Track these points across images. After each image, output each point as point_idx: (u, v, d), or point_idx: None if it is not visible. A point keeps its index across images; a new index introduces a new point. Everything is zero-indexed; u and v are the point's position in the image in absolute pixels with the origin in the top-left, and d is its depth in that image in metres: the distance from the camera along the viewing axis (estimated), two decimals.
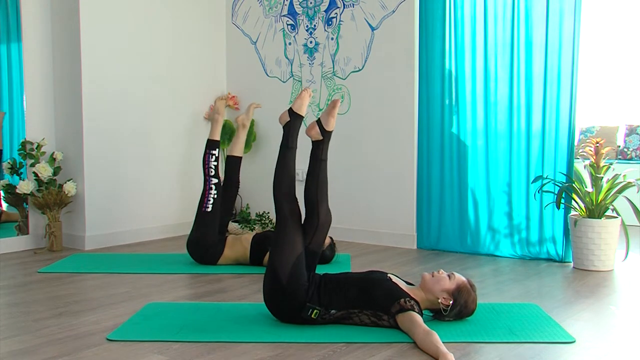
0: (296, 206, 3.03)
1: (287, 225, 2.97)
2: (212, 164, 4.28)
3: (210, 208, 4.21)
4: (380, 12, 5.00)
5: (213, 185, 4.25)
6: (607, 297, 3.53)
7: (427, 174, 4.82)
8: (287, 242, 2.93)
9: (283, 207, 3.01)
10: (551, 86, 4.35)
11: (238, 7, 5.80)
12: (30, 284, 3.75)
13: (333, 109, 3.08)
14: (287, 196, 3.03)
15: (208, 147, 4.32)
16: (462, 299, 2.90)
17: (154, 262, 4.33)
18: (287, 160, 3.08)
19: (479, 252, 4.64)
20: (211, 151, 4.30)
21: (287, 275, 2.86)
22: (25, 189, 4.66)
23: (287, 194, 3.03)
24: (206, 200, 4.22)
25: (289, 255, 2.90)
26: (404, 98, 4.91)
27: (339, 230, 5.16)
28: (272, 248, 2.99)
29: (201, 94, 5.69)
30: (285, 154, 3.09)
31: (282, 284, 2.86)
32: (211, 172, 4.26)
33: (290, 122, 3.14)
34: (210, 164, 4.27)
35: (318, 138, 3.09)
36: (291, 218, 2.98)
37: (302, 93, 3.18)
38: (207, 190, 4.23)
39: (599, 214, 4.17)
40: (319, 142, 3.08)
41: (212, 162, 4.28)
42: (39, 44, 4.87)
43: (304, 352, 2.60)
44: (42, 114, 4.90)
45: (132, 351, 2.61)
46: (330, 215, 3.09)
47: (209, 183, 4.25)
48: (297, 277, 2.87)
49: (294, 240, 2.93)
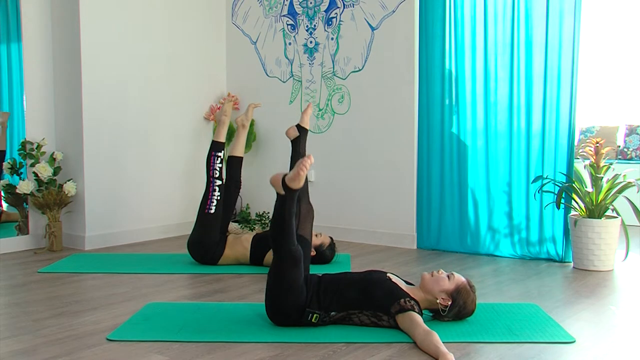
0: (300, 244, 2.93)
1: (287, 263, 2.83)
2: (217, 165, 4.23)
3: (213, 210, 4.18)
4: (380, 12, 5.00)
5: (217, 187, 4.21)
6: (607, 297, 3.53)
7: (427, 174, 4.82)
8: (287, 280, 2.82)
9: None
10: (551, 86, 4.35)
11: (238, 7, 5.80)
12: (30, 284, 3.75)
13: (308, 108, 3.67)
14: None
15: (213, 149, 4.26)
16: (461, 300, 2.90)
17: (154, 262, 4.33)
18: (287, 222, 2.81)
19: (479, 252, 4.64)
20: (217, 153, 4.24)
21: (288, 302, 2.84)
22: (25, 189, 4.66)
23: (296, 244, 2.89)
24: (209, 202, 4.18)
25: (289, 291, 2.82)
26: (404, 98, 4.91)
27: (339, 230, 5.16)
28: (272, 280, 2.86)
29: (201, 94, 5.69)
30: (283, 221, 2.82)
31: (284, 306, 2.84)
32: (216, 174, 4.21)
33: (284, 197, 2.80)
34: (216, 166, 4.22)
35: (295, 135, 3.39)
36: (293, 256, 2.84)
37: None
38: (211, 192, 4.20)
39: (599, 214, 4.17)
40: (297, 138, 3.38)
41: (217, 164, 4.23)
42: (39, 44, 4.87)
43: (304, 352, 2.60)
44: (42, 114, 4.90)
45: (132, 351, 2.61)
46: (312, 210, 3.23)
47: (213, 184, 4.20)
48: (297, 297, 2.84)
49: (294, 278, 2.82)
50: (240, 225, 5.42)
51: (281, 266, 2.81)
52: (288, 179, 2.72)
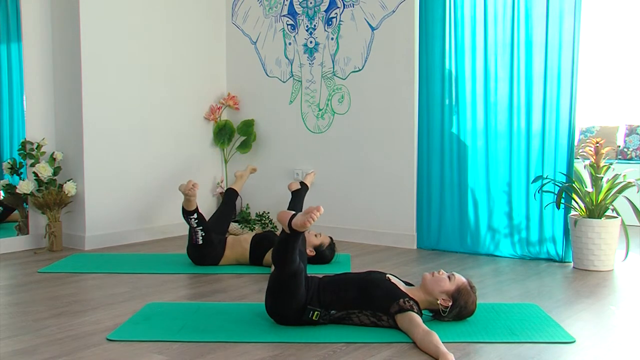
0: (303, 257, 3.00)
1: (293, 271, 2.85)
2: (193, 222, 4.05)
3: (201, 240, 4.09)
4: (380, 12, 5.00)
5: (197, 227, 4.06)
6: (607, 297, 3.53)
7: (427, 174, 4.82)
8: (290, 289, 2.84)
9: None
10: (551, 86, 4.35)
11: (238, 7, 5.80)
12: (30, 284, 3.75)
13: (312, 175, 3.79)
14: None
15: (184, 213, 4.05)
16: (461, 301, 2.90)
17: (154, 262, 4.33)
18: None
19: (479, 252, 4.64)
20: (188, 216, 4.05)
21: (291, 305, 2.84)
22: (25, 189, 4.66)
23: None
24: (195, 237, 4.09)
25: (292, 298, 2.84)
26: (404, 98, 4.90)
27: (339, 230, 5.16)
28: (273, 288, 2.88)
29: (201, 94, 5.69)
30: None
31: (285, 306, 2.85)
32: (193, 224, 4.06)
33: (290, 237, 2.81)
34: (192, 222, 4.05)
35: (297, 187, 3.53)
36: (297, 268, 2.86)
37: (308, 221, 2.75)
38: (194, 229, 4.07)
39: (599, 214, 4.17)
40: (298, 191, 3.54)
41: (192, 221, 4.05)
42: (39, 44, 4.87)
43: (304, 352, 2.60)
44: (42, 114, 4.90)
45: (132, 351, 2.61)
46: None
47: (195, 228, 4.07)
48: (298, 300, 2.84)
49: (297, 286, 2.84)
50: (240, 225, 5.42)
51: (283, 279, 2.82)
52: (295, 224, 2.73)
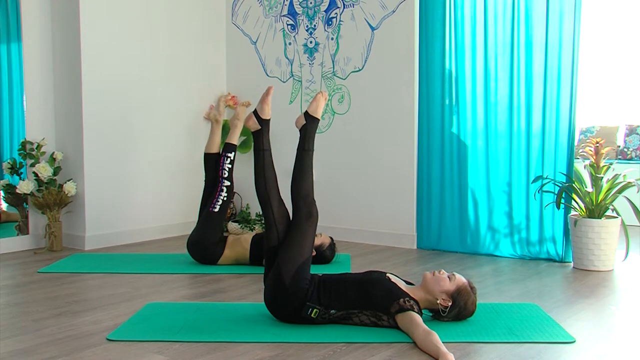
0: (313, 209, 3.02)
1: (301, 226, 2.96)
2: (226, 165, 4.32)
3: (217, 208, 4.25)
4: (380, 12, 5.00)
5: (225, 187, 4.29)
6: (607, 297, 3.53)
7: (427, 174, 4.82)
8: (298, 242, 2.93)
9: (301, 210, 2.99)
10: (551, 86, 4.35)
11: (238, 7, 5.80)
12: (30, 284, 3.75)
13: (267, 96, 3.21)
14: (306, 199, 3.01)
15: (225, 150, 4.35)
16: (461, 301, 2.90)
17: (154, 262, 4.33)
18: (306, 163, 3.07)
19: (479, 252, 4.64)
20: (227, 154, 4.34)
21: (291, 275, 2.86)
22: (25, 189, 4.66)
23: (306, 196, 3.02)
24: (215, 200, 4.26)
25: (297, 256, 2.90)
26: (404, 98, 4.91)
27: (339, 230, 5.16)
28: (280, 247, 2.97)
29: (201, 93, 5.69)
30: (303, 157, 3.08)
31: (285, 283, 2.86)
32: (224, 174, 4.30)
33: (307, 125, 3.12)
34: (225, 166, 4.31)
35: (256, 128, 3.18)
36: (307, 221, 2.97)
37: (318, 96, 3.14)
38: (218, 192, 4.28)
39: (599, 214, 4.17)
40: (259, 132, 3.17)
41: (226, 164, 4.32)
42: (39, 44, 4.87)
43: (304, 352, 2.60)
44: (42, 114, 4.90)
45: (132, 351, 2.61)
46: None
47: (221, 184, 4.29)
48: (299, 278, 2.87)
49: (305, 244, 2.94)
50: (240, 225, 5.42)
51: (297, 224, 2.95)
52: (311, 110, 3.12)
